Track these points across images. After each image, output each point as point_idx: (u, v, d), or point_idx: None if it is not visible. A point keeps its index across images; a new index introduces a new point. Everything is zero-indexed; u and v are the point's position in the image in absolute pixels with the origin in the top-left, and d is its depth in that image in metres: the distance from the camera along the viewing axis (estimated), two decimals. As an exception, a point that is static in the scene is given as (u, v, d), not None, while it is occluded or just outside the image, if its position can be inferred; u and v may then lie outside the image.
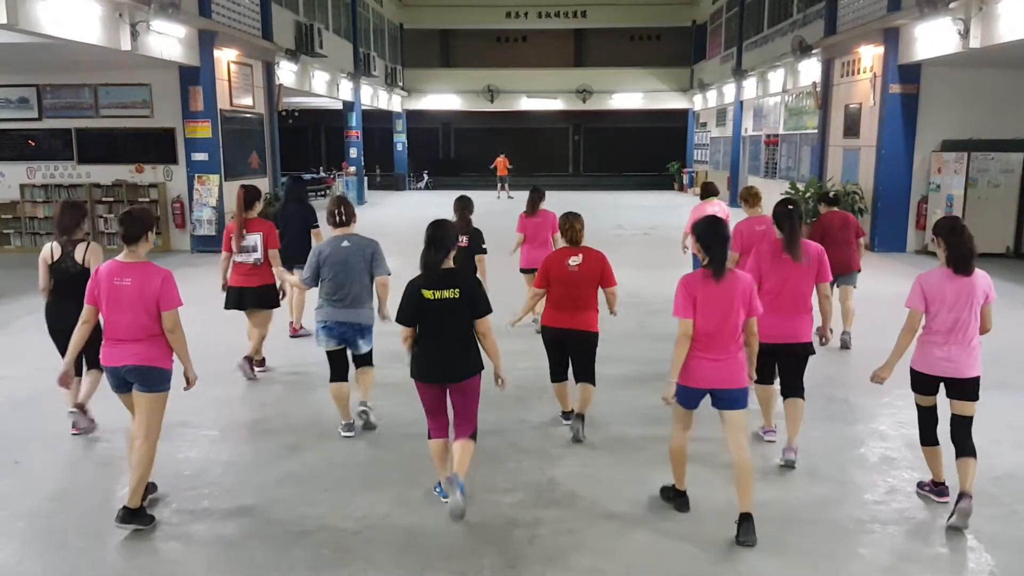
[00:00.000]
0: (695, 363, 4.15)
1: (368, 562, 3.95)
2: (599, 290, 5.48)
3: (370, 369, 5.70)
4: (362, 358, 5.65)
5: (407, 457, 5.18)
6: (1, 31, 8.90)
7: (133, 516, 4.20)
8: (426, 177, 33.66)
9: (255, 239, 6.65)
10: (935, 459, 4.52)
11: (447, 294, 4.22)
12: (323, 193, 26.52)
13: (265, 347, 7.16)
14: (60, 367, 4.59)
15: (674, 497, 4.47)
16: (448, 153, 39.62)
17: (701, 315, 4.10)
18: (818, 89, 16.82)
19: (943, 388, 4.39)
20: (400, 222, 18.65)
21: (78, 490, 4.80)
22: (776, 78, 20.60)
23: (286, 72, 18.04)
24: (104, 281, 4.23)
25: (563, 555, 4.01)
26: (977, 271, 4.29)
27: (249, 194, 6.77)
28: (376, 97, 27.96)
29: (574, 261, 5.37)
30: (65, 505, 4.59)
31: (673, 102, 32.67)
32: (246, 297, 6.74)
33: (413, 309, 4.28)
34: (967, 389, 4.32)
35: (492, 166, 27.68)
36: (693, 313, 4.10)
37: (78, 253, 5.27)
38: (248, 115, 15.86)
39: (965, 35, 11.18)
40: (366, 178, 28.11)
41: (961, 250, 4.24)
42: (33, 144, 14.79)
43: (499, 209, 21.47)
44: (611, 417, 5.86)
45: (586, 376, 5.53)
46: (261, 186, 15.23)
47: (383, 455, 5.27)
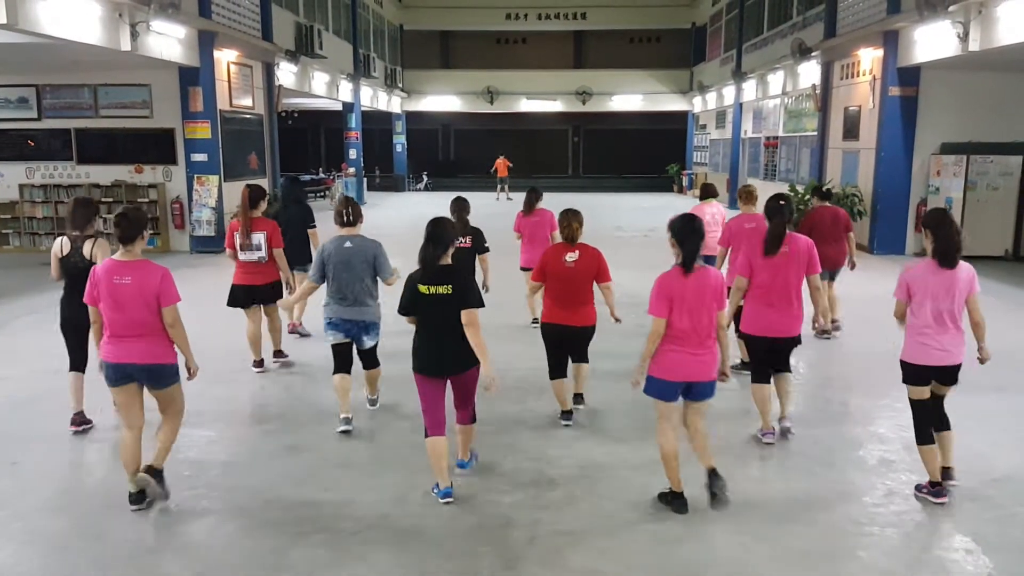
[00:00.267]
0: (674, 357, 4.27)
1: (366, 563, 3.95)
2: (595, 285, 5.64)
3: (377, 370, 5.88)
4: (369, 359, 5.78)
5: (405, 459, 5.17)
6: (1, 31, 8.89)
7: (158, 475, 4.48)
8: (425, 178, 33.66)
9: (259, 238, 6.79)
10: (932, 459, 4.55)
11: (441, 290, 4.39)
12: (322, 194, 26.53)
13: (261, 347, 7.22)
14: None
15: (672, 500, 4.48)
16: (448, 154, 39.62)
17: (677, 311, 4.23)
18: (817, 91, 16.84)
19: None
20: (399, 223, 18.63)
21: (77, 491, 4.80)
22: (776, 80, 20.63)
23: (286, 73, 18.05)
24: (103, 280, 4.31)
25: (562, 556, 4.01)
26: (961, 263, 4.40)
27: (253, 193, 6.89)
28: (376, 98, 27.97)
29: (571, 257, 5.52)
30: (64, 506, 4.59)
31: (673, 104, 32.69)
32: (256, 295, 6.90)
33: (410, 302, 4.49)
34: (955, 374, 4.52)
35: (492, 169, 27.66)
36: (668, 312, 4.23)
37: (86, 249, 5.36)
38: (248, 116, 15.86)
39: (964, 38, 11.19)
40: (365, 179, 28.11)
41: (947, 243, 4.34)
42: (32, 144, 14.78)
43: (499, 211, 21.46)
44: (610, 419, 5.87)
45: (580, 358, 5.86)
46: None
47: (382, 456, 5.27)
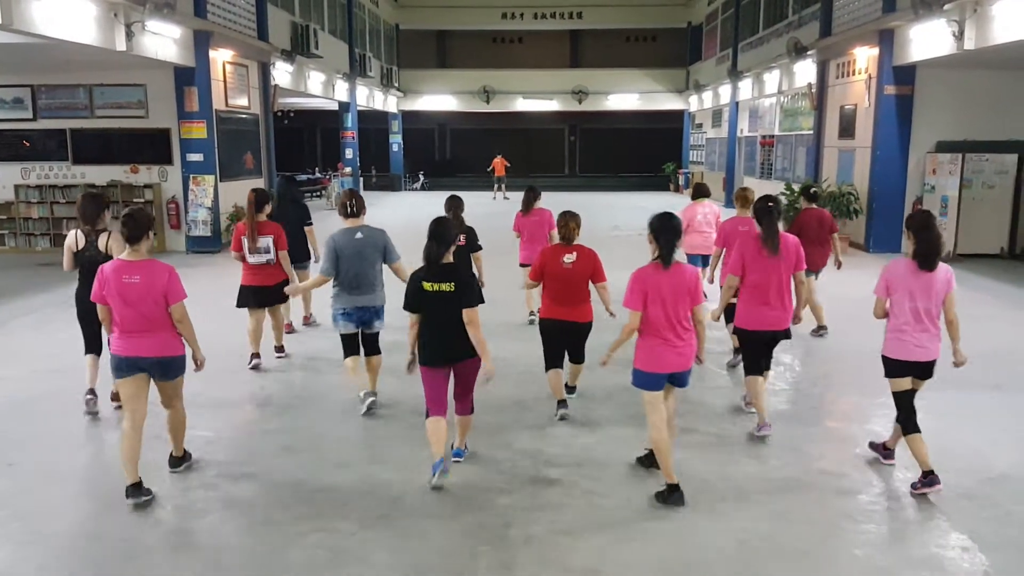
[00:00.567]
0: (660, 350, 4.46)
1: (365, 563, 3.95)
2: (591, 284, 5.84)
3: (378, 357, 6.10)
4: (373, 344, 6.04)
5: (404, 459, 5.18)
6: (-4, 31, 8.88)
7: (180, 461, 4.97)
8: (422, 178, 33.65)
9: (267, 241, 7.01)
10: (920, 447, 4.65)
11: (444, 287, 4.60)
12: (318, 194, 26.50)
13: (260, 342, 7.32)
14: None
15: (669, 494, 4.51)
16: (444, 154, 39.63)
17: (652, 304, 4.41)
18: (813, 90, 16.86)
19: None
20: (396, 223, 18.55)
21: (75, 491, 4.79)
22: (771, 79, 20.65)
23: (282, 73, 18.02)
24: (112, 280, 4.46)
25: (560, 555, 4.02)
26: (942, 265, 4.58)
27: (259, 197, 7.09)
28: (372, 98, 27.93)
29: (568, 259, 5.69)
30: (62, 506, 4.58)
31: (669, 103, 32.69)
32: (267, 295, 7.11)
33: (415, 298, 4.68)
34: (931, 369, 4.70)
35: (490, 168, 27.67)
36: (642, 305, 4.41)
37: (100, 242, 5.59)
38: (243, 116, 15.82)
39: (960, 36, 11.21)
40: (362, 179, 28.08)
41: (928, 247, 4.52)
42: (28, 144, 14.72)
43: (496, 210, 21.46)
44: (609, 418, 5.87)
45: (577, 358, 6.07)
46: (257, 186, 15.42)
47: (381, 456, 5.27)
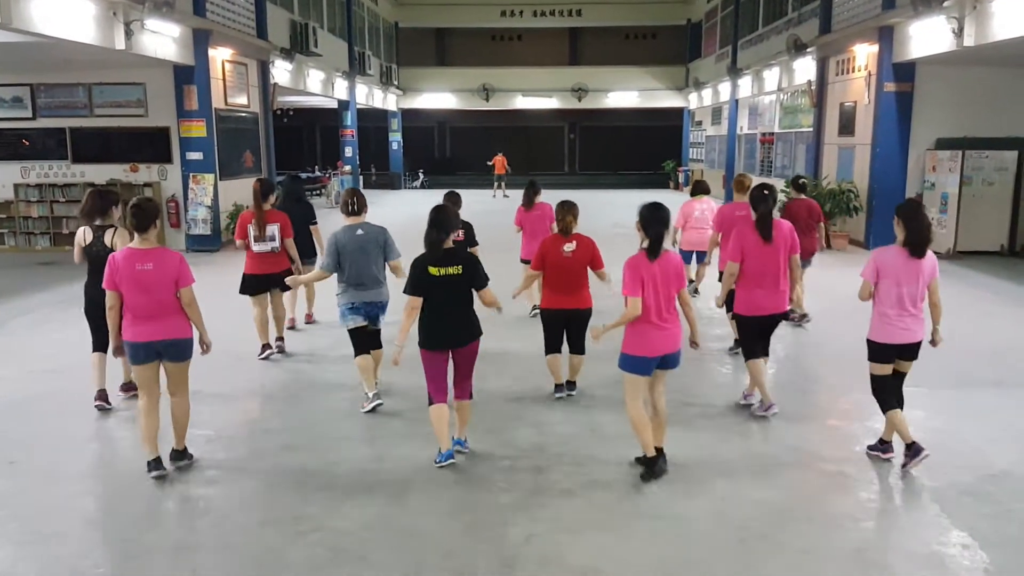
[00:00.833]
0: (651, 334, 4.63)
1: (364, 562, 3.95)
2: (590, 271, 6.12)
3: (379, 352, 6.18)
4: (376, 339, 6.14)
5: (404, 457, 5.18)
6: (-5, 30, 8.87)
7: (181, 455, 5.02)
8: (422, 176, 33.62)
9: (273, 229, 7.21)
10: (901, 422, 4.86)
11: (452, 270, 4.78)
12: (318, 192, 26.49)
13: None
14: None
15: (651, 465, 4.74)
16: (444, 152, 39.61)
17: (646, 291, 4.60)
18: (813, 87, 16.85)
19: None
20: (396, 221, 18.53)
21: (74, 491, 4.78)
22: (771, 76, 20.63)
23: (281, 71, 18.00)
24: (124, 267, 4.64)
25: (560, 554, 4.01)
26: (931, 255, 4.78)
27: (264, 187, 7.32)
28: (371, 96, 27.92)
29: (568, 248, 5.94)
30: (61, 506, 4.57)
31: (668, 100, 32.67)
32: (270, 282, 7.31)
33: (420, 283, 4.78)
34: (916, 351, 4.90)
35: (490, 163, 27.71)
36: (642, 291, 4.58)
37: (107, 237, 5.73)
38: (243, 114, 15.81)
39: (959, 33, 11.20)
40: (361, 177, 28.06)
41: (918, 235, 4.71)
42: (27, 143, 14.71)
43: (496, 208, 21.47)
44: (609, 417, 5.86)
45: (578, 348, 6.24)
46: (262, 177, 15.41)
47: (381, 455, 5.26)
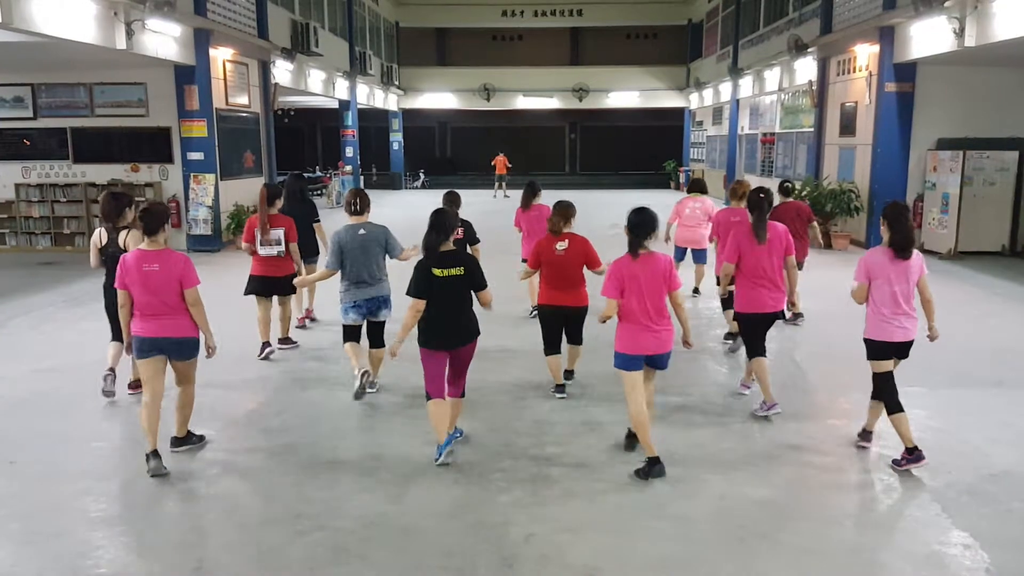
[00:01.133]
0: (639, 334, 4.77)
1: (364, 561, 3.95)
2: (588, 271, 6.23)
3: (382, 350, 6.27)
4: (377, 335, 6.29)
5: (404, 457, 5.19)
6: (-4, 30, 8.87)
7: (181, 442, 5.21)
8: (422, 176, 33.61)
9: (278, 233, 7.31)
10: (904, 425, 4.91)
11: (455, 271, 4.93)
12: (319, 193, 26.50)
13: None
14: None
15: (650, 468, 4.77)
16: (444, 152, 39.61)
17: (631, 292, 4.74)
18: (814, 88, 16.84)
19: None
20: (396, 221, 18.57)
21: (75, 491, 4.78)
22: (772, 77, 20.62)
23: (282, 71, 18.00)
24: (134, 268, 4.86)
25: (560, 554, 4.01)
26: (918, 255, 4.91)
27: (271, 192, 7.46)
28: (372, 96, 27.92)
29: (560, 246, 6.12)
30: (61, 506, 4.57)
31: (669, 100, 32.66)
32: (275, 286, 7.42)
33: (424, 285, 4.91)
34: (908, 350, 5.02)
35: (492, 163, 27.76)
36: (619, 294, 4.74)
37: (120, 238, 5.88)
38: (244, 114, 15.81)
39: (960, 34, 11.20)
40: (362, 177, 28.06)
41: (902, 237, 4.85)
42: (28, 143, 14.72)
43: (497, 208, 21.48)
44: (609, 417, 5.86)
45: (575, 340, 6.41)
46: (257, 186, 15.39)
47: (380, 454, 5.26)
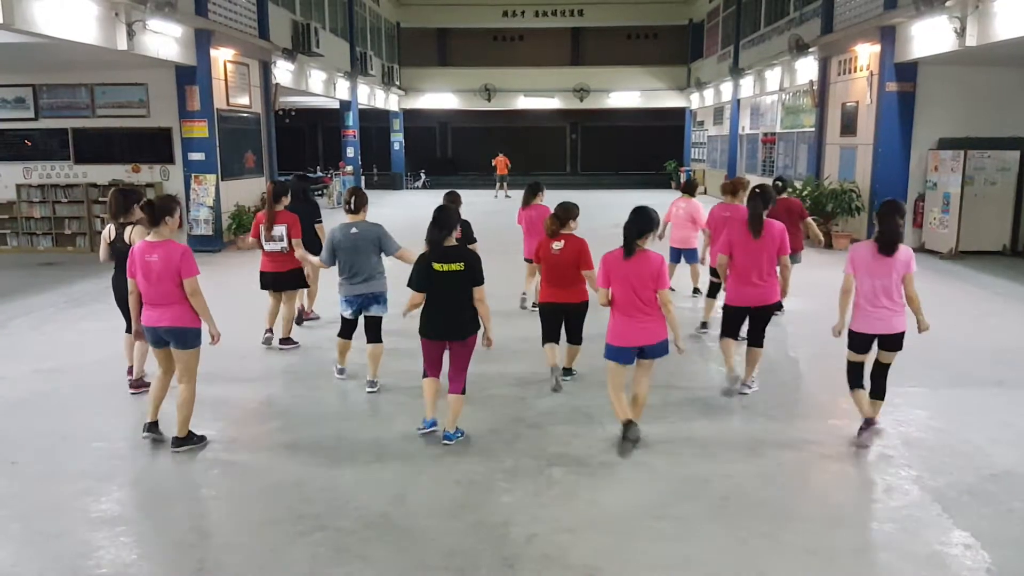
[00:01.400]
0: (627, 327, 5.04)
1: (365, 561, 3.95)
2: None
3: (379, 346, 6.40)
4: (373, 331, 6.37)
5: (405, 457, 5.19)
6: (-3, 31, 8.88)
7: (182, 442, 5.25)
8: (423, 176, 33.61)
9: (281, 229, 7.50)
10: (863, 400, 5.37)
11: (454, 266, 5.09)
12: (320, 193, 26.52)
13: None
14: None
15: (626, 431, 5.19)
16: (445, 152, 39.61)
17: (619, 286, 5.01)
18: (815, 87, 16.84)
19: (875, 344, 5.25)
20: (397, 221, 18.58)
21: (76, 491, 4.78)
22: (773, 76, 20.62)
23: (283, 71, 18.01)
24: (138, 258, 5.10)
25: (561, 554, 4.02)
26: (903, 248, 5.08)
27: (277, 189, 7.66)
28: (373, 96, 27.93)
29: (556, 246, 6.33)
30: (62, 507, 4.58)
31: (670, 101, 32.66)
32: (279, 281, 7.65)
33: (425, 278, 5.12)
34: (896, 342, 5.20)
35: (493, 163, 27.81)
36: (609, 284, 5.05)
37: (126, 234, 6.07)
38: (245, 115, 15.80)
39: (961, 33, 11.19)
40: (363, 177, 28.07)
41: (886, 234, 5.05)
42: (29, 144, 14.74)
43: (498, 208, 21.49)
44: (609, 417, 5.86)
45: (574, 339, 6.60)
46: (258, 186, 15.43)
47: (381, 455, 5.26)
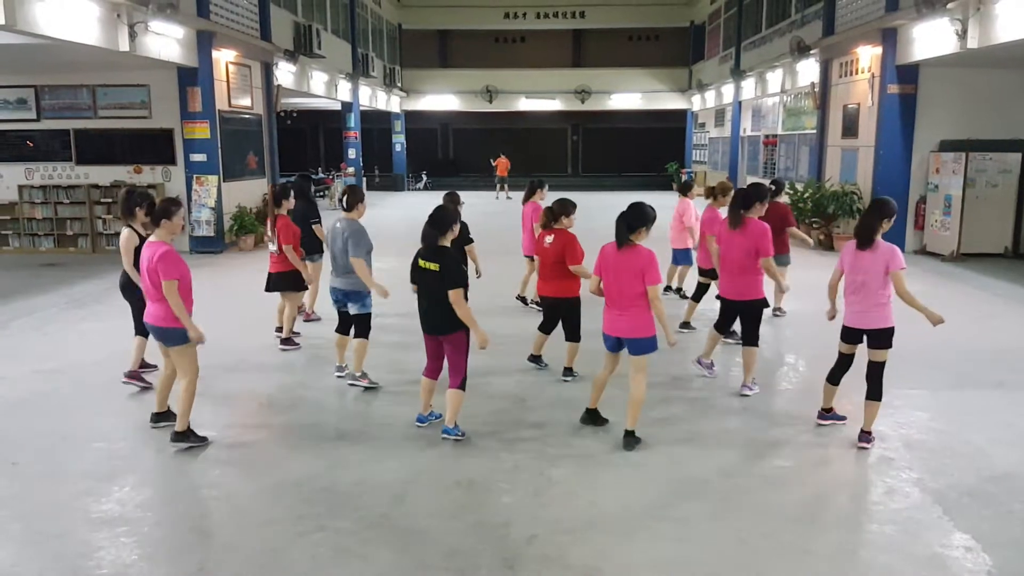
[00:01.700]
0: (607, 315, 5.28)
1: (366, 561, 3.96)
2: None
3: (363, 341, 6.49)
4: (356, 326, 6.50)
5: (406, 458, 5.20)
6: (-1, 32, 8.89)
7: (180, 437, 5.33)
8: (425, 178, 33.63)
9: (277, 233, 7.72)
10: (831, 394, 5.63)
11: (431, 266, 5.20)
12: (321, 194, 26.53)
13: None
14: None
15: (587, 417, 5.66)
16: (447, 153, 39.62)
17: (607, 277, 5.21)
18: (816, 89, 16.83)
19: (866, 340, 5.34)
20: (398, 223, 18.64)
21: (76, 492, 4.78)
22: (774, 78, 20.61)
23: (284, 73, 18.03)
24: (142, 256, 5.31)
25: (561, 554, 4.02)
26: (884, 245, 5.21)
27: (276, 192, 7.86)
28: (375, 98, 27.95)
29: (548, 240, 6.58)
30: (63, 507, 4.58)
31: (672, 102, 32.68)
32: (272, 281, 7.84)
33: (413, 271, 5.35)
34: (878, 338, 5.22)
35: (494, 164, 27.84)
36: (600, 272, 5.28)
37: (122, 234, 6.31)
38: (246, 116, 15.82)
39: (963, 35, 11.19)
40: (365, 179, 28.09)
41: (859, 230, 5.28)
42: (31, 145, 14.76)
43: (499, 209, 21.50)
44: (612, 418, 5.85)
45: (569, 336, 6.74)
46: (260, 187, 15.44)
47: (381, 455, 5.27)
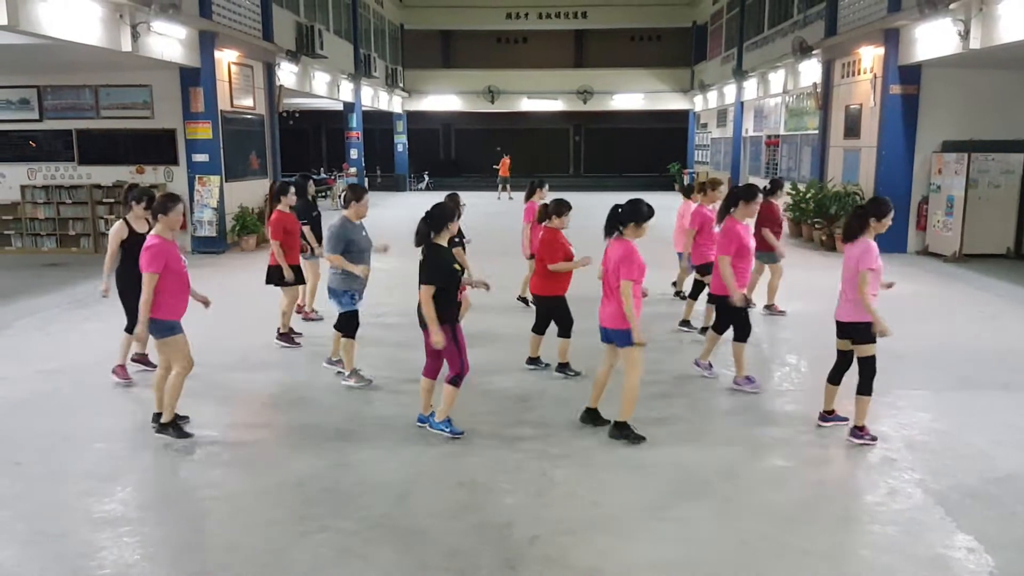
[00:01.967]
0: (600, 306, 5.42)
1: (367, 561, 3.95)
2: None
3: (349, 341, 6.58)
4: (337, 325, 6.65)
5: (407, 458, 5.19)
6: (2, 32, 8.89)
7: (162, 427, 5.41)
8: (426, 178, 33.63)
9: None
10: (832, 395, 5.68)
11: (420, 260, 5.27)
12: (323, 195, 26.55)
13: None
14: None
15: (588, 415, 5.70)
16: (449, 154, 39.62)
17: (603, 268, 5.42)
18: (818, 90, 16.82)
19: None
20: (399, 223, 18.57)
21: (79, 491, 4.79)
22: (777, 79, 20.60)
23: (287, 73, 18.04)
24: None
25: (563, 555, 4.01)
26: (862, 243, 5.21)
27: (275, 189, 8.10)
28: (377, 98, 27.97)
29: (540, 236, 6.73)
30: (64, 507, 4.58)
31: (674, 103, 32.67)
32: (269, 274, 7.99)
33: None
34: (851, 332, 5.36)
35: (496, 166, 27.90)
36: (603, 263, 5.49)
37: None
38: (249, 116, 15.84)
39: (965, 36, 11.18)
40: (367, 179, 28.11)
41: (844, 225, 5.39)
42: (34, 145, 14.78)
43: (500, 210, 21.49)
44: (610, 418, 5.85)
45: (559, 332, 6.81)
46: (262, 187, 15.43)
47: (383, 455, 5.27)
